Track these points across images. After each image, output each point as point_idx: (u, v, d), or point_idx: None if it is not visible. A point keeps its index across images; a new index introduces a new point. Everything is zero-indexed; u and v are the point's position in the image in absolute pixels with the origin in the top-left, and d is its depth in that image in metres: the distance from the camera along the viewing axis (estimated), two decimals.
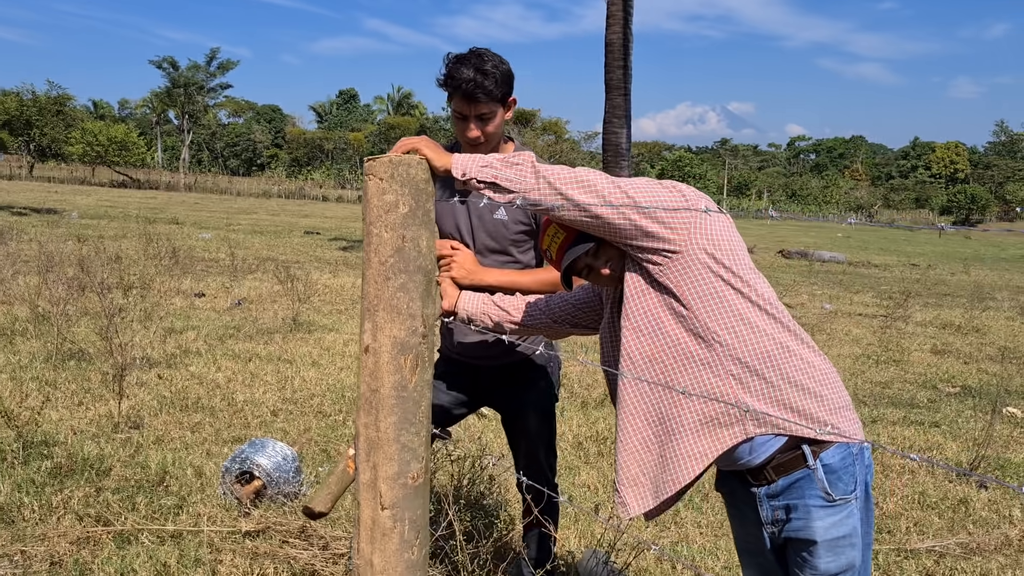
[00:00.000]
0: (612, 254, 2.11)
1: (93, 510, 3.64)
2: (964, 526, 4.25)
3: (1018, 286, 19.19)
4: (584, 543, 3.77)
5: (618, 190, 1.96)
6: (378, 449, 2.11)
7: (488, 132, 2.61)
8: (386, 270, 2.07)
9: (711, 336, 1.96)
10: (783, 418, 1.94)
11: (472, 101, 2.55)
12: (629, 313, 2.05)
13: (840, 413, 1.98)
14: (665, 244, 1.96)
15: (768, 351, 1.96)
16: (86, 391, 5.61)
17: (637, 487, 2.09)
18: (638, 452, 2.07)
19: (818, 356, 2.03)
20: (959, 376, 8.17)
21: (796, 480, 1.97)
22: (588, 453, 5.11)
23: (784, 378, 1.95)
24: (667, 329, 2.01)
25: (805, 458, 1.95)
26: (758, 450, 1.99)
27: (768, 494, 2.03)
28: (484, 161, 2.04)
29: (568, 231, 2.14)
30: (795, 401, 1.95)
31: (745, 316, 1.96)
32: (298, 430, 5.15)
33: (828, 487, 1.94)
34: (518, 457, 2.96)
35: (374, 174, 2.07)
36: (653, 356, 2.03)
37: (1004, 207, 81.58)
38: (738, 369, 1.95)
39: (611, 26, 15.15)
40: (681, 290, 1.97)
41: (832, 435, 1.95)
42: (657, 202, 1.96)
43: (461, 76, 2.53)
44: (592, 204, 1.95)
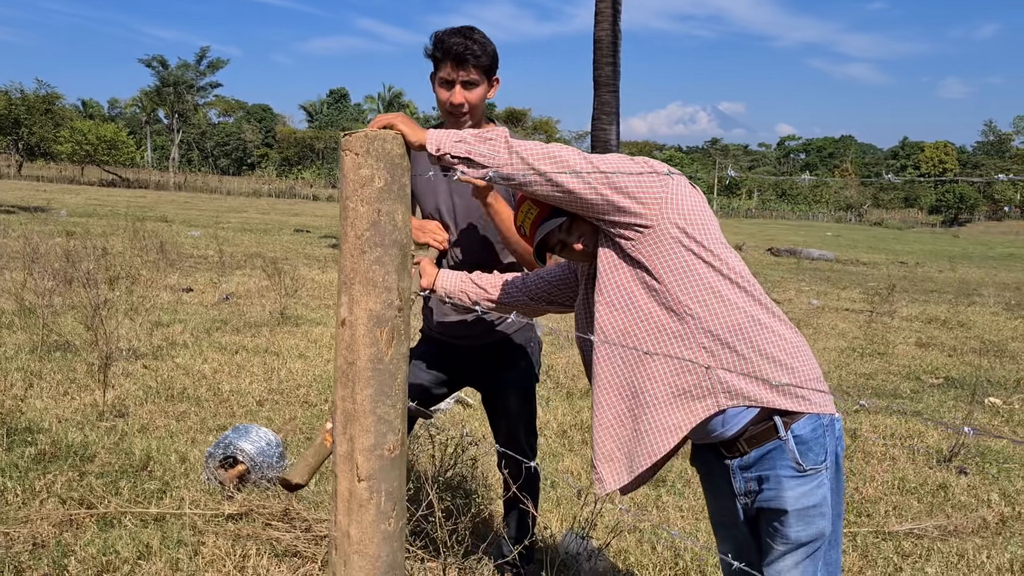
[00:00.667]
0: (585, 229, 2.13)
1: (76, 494, 3.66)
2: (943, 510, 4.30)
3: (1004, 283, 19.33)
4: (567, 527, 3.80)
5: (590, 165, 1.98)
6: (355, 421, 2.13)
7: (472, 102, 2.64)
8: (362, 244, 2.09)
9: (683, 309, 1.98)
10: (754, 390, 1.97)
11: (461, 64, 2.58)
12: (602, 288, 2.08)
13: (811, 385, 2.01)
14: (637, 219, 1.99)
15: (740, 324, 1.98)
16: (71, 381, 5.61)
17: (612, 462, 2.11)
18: (612, 427, 2.10)
19: (789, 329, 2.05)
20: (943, 368, 8.24)
21: (768, 451, 2.00)
22: (572, 441, 5.14)
23: (755, 350, 1.98)
24: (640, 303, 2.03)
25: (776, 429, 1.98)
26: (730, 422, 2.02)
27: (741, 466, 2.06)
28: (458, 136, 2.07)
29: (541, 207, 2.16)
30: (766, 373, 1.98)
31: (717, 289, 1.99)
32: (283, 418, 5.16)
33: (799, 457, 1.97)
34: (498, 436, 2.98)
35: (350, 149, 2.10)
36: (626, 330, 2.05)
37: (992, 206, 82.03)
38: (710, 342, 1.98)
39: (600, 23, 15.20)
40: (653, 264, 1.99)
41: (803, 406, 1.99)
42: (629, 177, 1.98)
43: (452, 40, 2.58)
44: (564, 179, 1.97)
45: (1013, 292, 16.89)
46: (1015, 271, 24.20)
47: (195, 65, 71.74)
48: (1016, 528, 4.09)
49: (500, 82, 2.73)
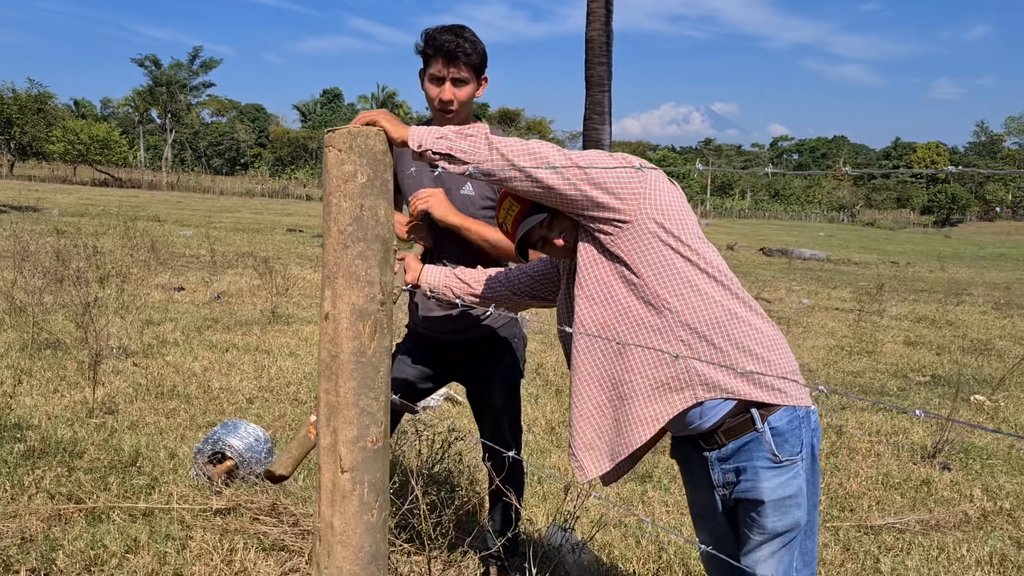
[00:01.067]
0: (565, 225, 2.17)
1: (65, 489, 3.68)
2: (925, 505, 4.35)
3: (994, 282, 19.43)
4: (552, 519, 3.83)
5: (569, 161, 2.02)
6: (338, 413, 2.17)
7: (461, 99, 2.68)
8: (344, 238, 2.12)
9: (661, 303, 2.02)
10: (731, 382, 2.01)
11: (451, 60, 2.63)
12: (582, 282, 2.12)
13: (787, 377, 2.04)
14: (615, 214, 2.02)
15: (717, 317, 2.02)
16: (61, 378, 5.63)
17: (593, 451, 2.16)
18: (593, 417, 2.13)
19: (766, 322, 2.09)
20: (930, 366, 8.30)
21: (745, 443, 2.04)
22: (560, 438, 5.17)
23: (733, 343, 2.02)
24: (619, 297, 2.07)
25: (753, 421, 2.02)
26: (708, 414, 2.06)
27: (719, 457, 2.10)
28: (439, 133, 2.10)
29: (523, 203, 2.20)
30: (743, 366, 2.01)
31: (694, 283, 2.02)
32: (273, 416, 5.19)
33: (775, 449, 2.01)
34: (483, 430, 3.01)
35: (333, 145, 2.13)
36: (605, 323, 2.09)
37: (984, 207, 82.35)
38: (688, 335, 2.02)
39: (592, 23, 15.24)
40: (632, 259, 2.03)
41: (779, 398, 2.03)
42: (607, 173, 2.02)
43: (443, 38, 2.63)
44: (543, 175, 2.01)
45: (1002, 291, 16.99)
46: (1005, 271, 24.32)
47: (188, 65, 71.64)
48: (997, 523, 4.14)
49: (489, 81, 2.77)
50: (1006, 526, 4.09)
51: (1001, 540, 3.88)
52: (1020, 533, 3.99)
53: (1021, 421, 6.20)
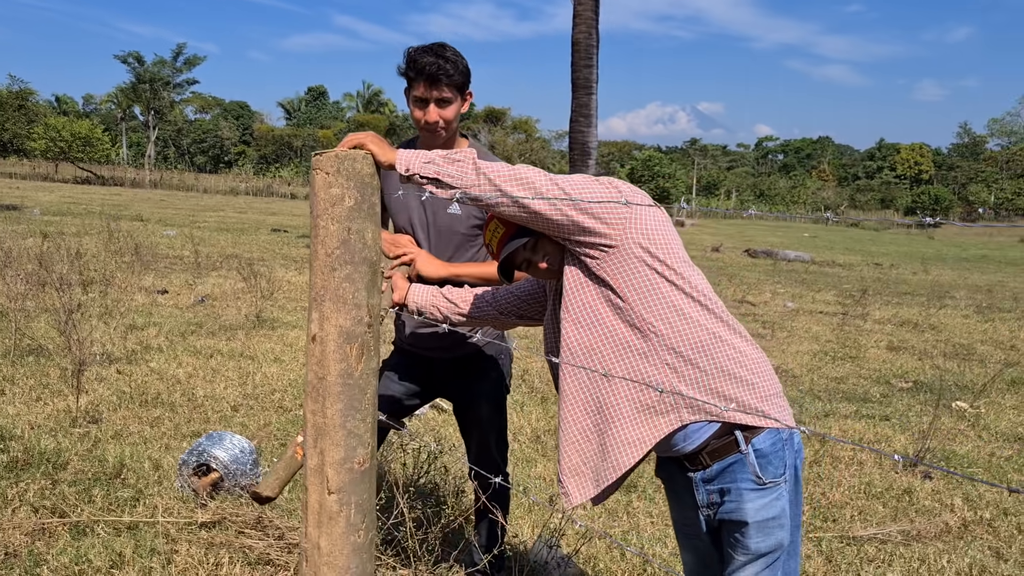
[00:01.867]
0: (550, 248, 2.19)
1: (49, 502, 3.66)
2: (907, 515, 4.39)
3: (976, 285, 19.60)
4: (538, 533, 3.85)
5: (555, 187, 2.03)
6: (325, 435, 2.17)
7: (447, 118, 2.70)
8: (332, 261, 2.13)
9: (647, 327, 2.04)
10: (716, 405, 2.03)
11: (434, 83, 2.64)
12: (568, 305, 2.13)
13: (770, 400, 2.07)
14: (601, 239, 2.04)
15: (701, 341, 2.04)
16: (44, 386, 5.59)
17: (578, 476, 2.17)
18: (578, 442, 2.15)
19: (750, 345, 2.12)
20: (912, 372, 8.37)
21: (729, 464, 2.06)
22: (546, 447, 5.19)
23: (717, 367, 2.04)
24: (605, 320, 2.09)
25: (738, 443, 2.04)
26: (692, 436, 2.08)
27: (704, 479, 2.12)
28: (427, 157, 2.11)
29: (508, 226, 2.22)
30: (727, 389, 2.04)
31: (679, 307, 2.05)
32: (258, 424, 5.18)
33: (759, 471, 2.04)
34: (470, 446, 3.03)
35: (320, 168, 2.13)
36: (591, 347, 2.11)
37: (967, 208, 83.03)
38: (673, 358, 2.04)
39: (578, 25, 15.26)
40: (617, 283, 2.05)
41: (763, 421, 2.05)
42: (593, 198, 2.04)
43: (424, 60, 2.64)
44: (529, 201, 2.03)
45: (984, 294, 17.13)
46: (987, 273, 24.54)
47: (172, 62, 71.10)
48: (977, 532, 4.18)
49: (473, 95, 2.79)
50: (986, 536, 4.14)
51: (980, 551, 3.92)
52: (1000, 544, 4.04)
53: (1002, 428, 6.26)
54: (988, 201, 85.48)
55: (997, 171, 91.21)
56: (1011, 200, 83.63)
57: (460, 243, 2.84)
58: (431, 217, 2.83)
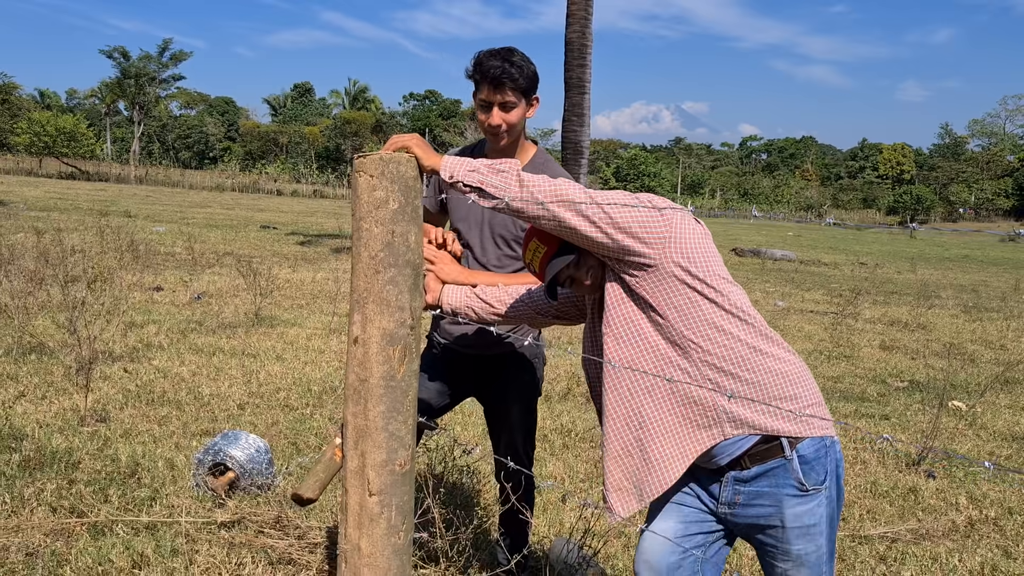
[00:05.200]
0: (592, 263, 2.20)
1: (66, 502, 3.65)
2: (914, 513, 4.45)
3: (961, 284, 19.78)
4: (553, 531, 3.87)
5: (596, 205, 2.04)
6: (366, 437, 2.19)
7: (510, 122, 2.71)
8: (376, 264, 2.14)
9: (687, 343, 2.07)
10: (758, 418, 2.05)
11: (498, 86, 2.65)
12: (609, 321, 2.15)
13: (812, 409, 2.09)
14: (640, 258, 2.06)
15: (742, 355, 2.06)
16: (49, 384, 5.56)
17: (621, 492, 2.18)
18: (620, 456, 2.16)
19: (791, 355, 2.14)
20: (907, 371, 8.45)
21: (770, 469, 2.07)
22: (554, 445, 5.21)
23: (758, 380, 2.06)
24: (646, 336, 2.11)
25: (782, 448, 2.06)
26: (732, 448, 2.09)
27: (737, 478, 2.12)
28: (472, 166, 2.12)
29: (549, 244, 2.22)
30: (770, 401, 2.06)
31: (719, 324, 2.06)
32: (266, 423, 5.17)
33: (802, 477, 2.06)
34: (498, 447, 3.04)
35: (364, 171, 2.15)
36: (633, 362, 2.13)
37: (948, 208, 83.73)
38: (714, 373, 2.06)
39: (571, 25, 15.28)
40: (657, 300, 2.07)
41: (805, 431, 2.06)
42: (632, 217, 2.05)
43: (490, 63, 2.64)
44: (570, 217, 2.04)
45: (970, 294, 17.30)
46: (970, 272, 24.76)
47: (157, 57, 70.59)
48: (984, 531, 4.24)
49: (540, 101, 2.80)
50: (993, 535, 4.20)
51: (990, 549, 3.98)
52: (1007, 542, 4.10)
53: (999, 427, 6.34)
54: (969, 201, 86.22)
55: (978, 172, 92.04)
56: (991, 200, 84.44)
57: (511, 242, 2.85)
58: (489, 213, 2.84)
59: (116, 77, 70.73)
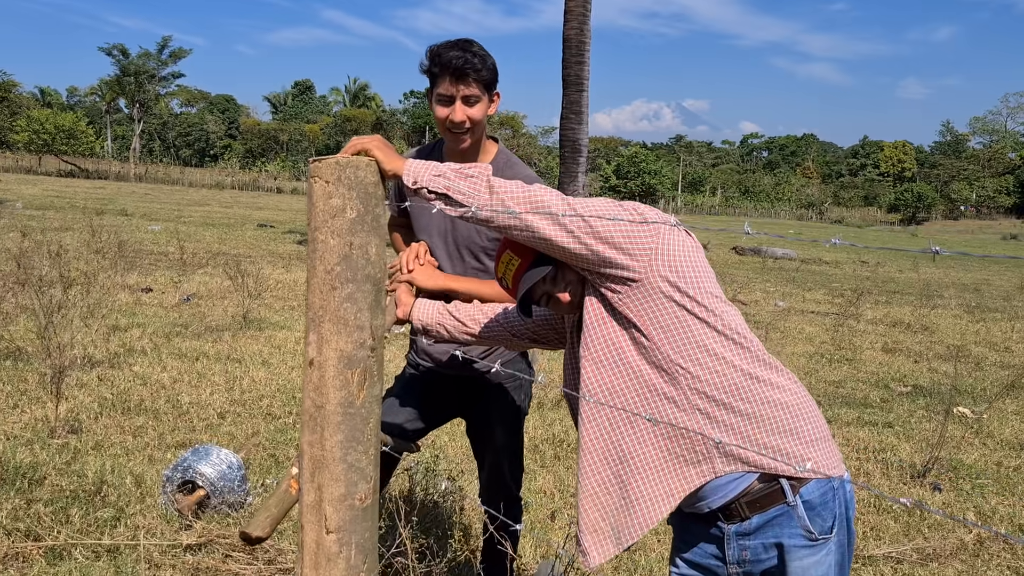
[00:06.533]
0: (571, 278, 1.99)
1: (23, 524, 3.45)
2: (920, 530, 4.25)
3: (963, 283, 19.59)
4: (539, 551, 3.68)
5: (574, 213, 1.84)
6: (323, 469, 1.99)
7: (474, 118, 2.50)
8: (332, 279, 1.94)
9: (674, 368, 1.85)
10: (755, 454, 1.83)
11: (461, 78, 2.45)
12: (588, 343, 1.94)
13: (817, 445, 1.87)
14: (623, 271, 1.86)
15: (737, 383, 1.85)
16: (22, 392, 5.38)
17: (597, 534, 1.95)
18: (597, 495, 1.94)
19: (791, 382, 1.92)
20: (910, 375, 8.26)
21: (773, 517, 1.85)
22: (544, 456, 5.02)
23: (754, 411, 1.85)
24: (628, 360, 1.89)
25: (784, 493, 1.84)
26: (724, 489, 1.87)
27: (740, 532, 1.89)
28: (437, 170, 1.92)
29: (524, 256, 2.01)
30: (766, 435, 1.84)
31: (710, 347, 1.85)
32: (245, 433, 4.98)
33: (809, 524, 1.84)
34: (482, 469, 2.85)
35: (320, 176, 1.95)
36: (613, 388, 1.91)
37: (949, 205, 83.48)
38: (705, 403, 1.85)
39: (569, 22, 15.06)
40: (641, 319, 1.86)
41: (807, 472, 1.84)
42: (616, 226, 1.85)
43: (450, 54, 2.44)
44: (545, 227, 1.84)
45: (972, 293, 17.11)
46: (972, 271, 24.56)
47: (157, 54, 70.53)
48: (994, 550, 4.04)
49: (501, 97, 2.60)
50: (1003, 554, 4.00)
51: (1000, 571, 3.79)
52: (1019, 563, 3.90)
53: (1005, 435, 6.15)
54: (970, 199, 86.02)
55: (979, 169, 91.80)
56: (992, 198, 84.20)
57: (478, 254, 2.64)
58: (450, 224, 2.63)
59: (115, 75, 70.60)
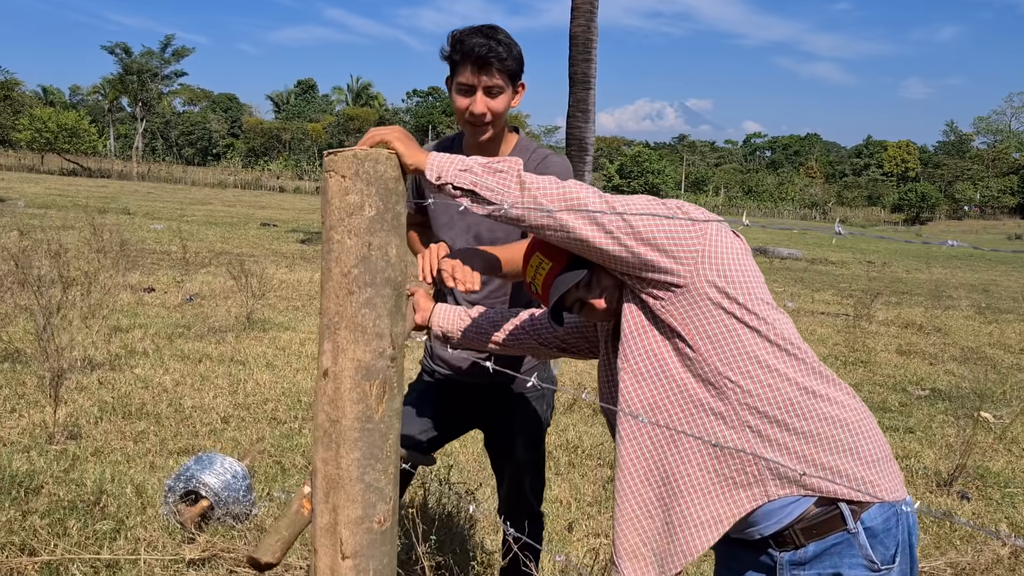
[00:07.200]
0: (608, 283, 1.82)
1: (18, 538, 3.29)
2: (951, 542, 4.09)
3: (971, 284, 19.41)
4: (558, 566, 3.52)
5: (613, 212, 1.67)
6: (339, 489, 1.83)
7: (496, 110, 2.32)
8: (349, 282, 1.78)
9: (723, 382, 1.69)
10: (812, 477, 1.67)
11: (483, 67, 2.27)
12: (628, 354, 1.77)
13: (878, 466, 1.71)
14: (667, 276, 1.69)
15: (791, 398, 1.69)
16: (20, 396, 5.22)
17: (638, 560, 1.79)
18: (638, 518, 1.78)
19: (851, 398, 1.76)
20: (927, 378, 8.09)
21: (832, 545, 1.69)
22: (559, 463, 4.86)
23: (811, 429, 1.69)
24: (672, 373, 1.73)
25: (843, 519, 1.67)
26: (777, 514, 1.71)
27: (794, 561, 1.73)
28: (463, 164, 1.75)
29: (555, 259, 1.84)
30: (825, 456, 1.68)
31: (762, 358, 1.69)
32: (250, 439, 4.83)
33: (872, 553, 1.67)
34: (501, 483, 2.69)
35: (335, 170, 1.78)
36: (655, 404, 1.75)
37: (953, 205, 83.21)
38: (756, 420, 1.69)
39: (576, 18, 14.86)
40: (687, 329, 1.70)
41: (870, 496, 1.68)
42: (658, 227, 1.68)
43: (473, 41, 2.26)
44: (581, 226, 1.68)
45: (981, 294, 16.94)
46: (978, 271, 24.37)
47: (160, 53, 70.38)
48: None
49: (526, 88, 2.42)
50: None
51: None
52: None
53: None
54: (974, 199, 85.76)
55: (983, 169, 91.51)
56: (996, 198, 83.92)
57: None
58: (472, 222, 2.46)
59: (118, 73, 70.49)
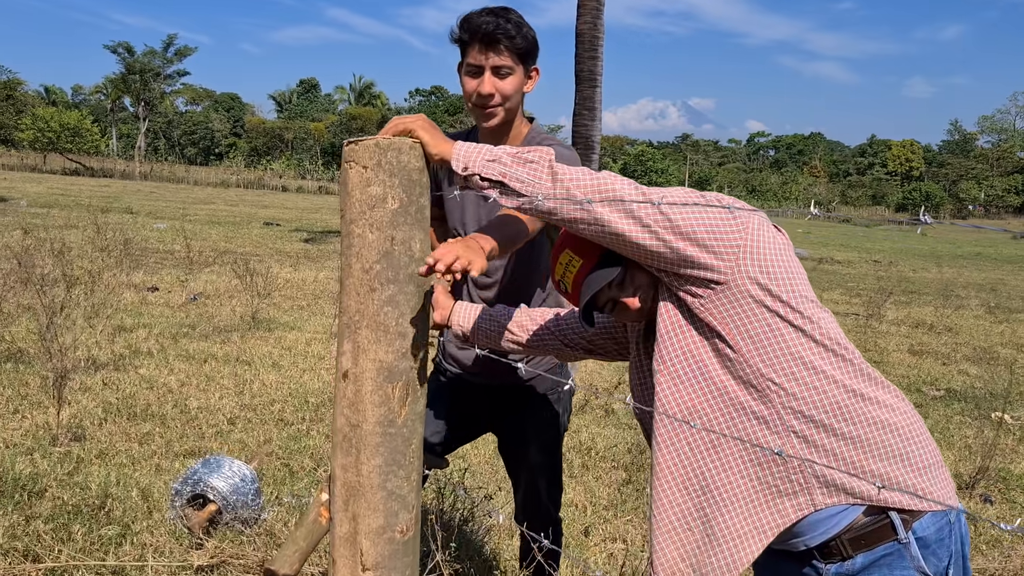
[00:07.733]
0: (642, 281, 1.73)
1: (21, 543, 3.19)
2: (977, 547, 3.98)
3: (979, 283, 19.27)
4: (577, 572, 3.42)
5: (650, 204, 1.57)
6: (359, 497, 1.73)
7: (505, 92, 2.22)
8: (370, 279, 1.69)
9: (766, 384, 1.59)
10: (860, 484, 1.58)
11: (491, 44, 2.17)
12: (664, 356, 1.68)
13: (930, 473, 1.62)
14: (707, 272, 1.60)
15: (839, 401, 1.60)
16: (23, 397, 5.13)
17: None
18: (676, 531, 1.68)
19: (900, 401, 1.67)
20: (942, 379, 7.98)
21: (882, 556, 1.60)
22: (572, 465, 4.76)
23: (860, 435, 1.60)
24: (711, 375, 1.64)
25: (894, 528, 1.58)
26: (824, 524, 1.62)
27: (840, 574, 1.64)
28: (492, 154, 1.65)
29: (586, 256, 1.74)
30: (874, 462, 1.59)
31: (807, 359, 1.60)
32: (257, 441, 4.73)
33: (923, 564, 1.58)
34: (517, 489, 2.59)
35: (356, 161, 1.69)
36: (695, 408, 1.65)
37: (957, 205, 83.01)
38: (802, 425, 1.59)
39: (583, 16, 14.80)
40: (727, 328, 1.60)
41: (922, 503, 1.58)
42: (697, 220, 1.58)
43: (481, 19, 2.17)
44: (617, 220, 1.58)
45: (990, 293, 16.81)
46: (985, 270, 24.22)
47: (162, 52, 70.31)
48: None
49: (540, 73, 2.32)
50: None
51: None
52: None
53: None
54: (979, 198, 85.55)
55: (988, 168, 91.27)
56: (1001, 197, 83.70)
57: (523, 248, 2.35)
58: (485, 215, 2.36)
59: (121, 73, 70.45)
